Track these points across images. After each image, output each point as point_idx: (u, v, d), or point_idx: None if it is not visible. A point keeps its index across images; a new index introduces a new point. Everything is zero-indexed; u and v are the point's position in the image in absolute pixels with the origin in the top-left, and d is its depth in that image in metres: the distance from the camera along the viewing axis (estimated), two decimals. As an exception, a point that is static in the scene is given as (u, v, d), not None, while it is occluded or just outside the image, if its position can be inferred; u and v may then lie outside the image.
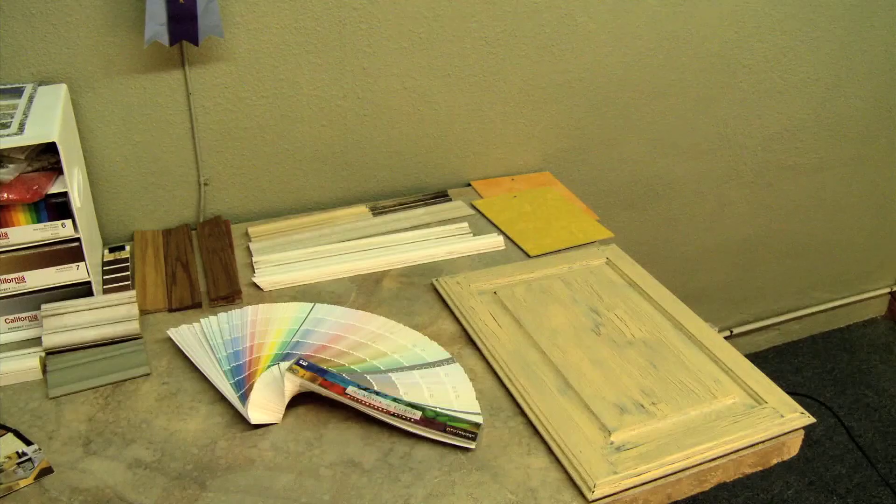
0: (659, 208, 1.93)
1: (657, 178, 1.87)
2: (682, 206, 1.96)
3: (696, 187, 1.94)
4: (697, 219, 2.01)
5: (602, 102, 1.68)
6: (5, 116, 1.14)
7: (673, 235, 2.00)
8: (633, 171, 1.83)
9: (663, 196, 1.91)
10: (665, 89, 1.73)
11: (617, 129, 1.74)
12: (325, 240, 1.38)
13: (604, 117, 1.71)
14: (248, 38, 1.35)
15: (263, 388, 1.04)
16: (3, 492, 0.93)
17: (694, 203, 1.97)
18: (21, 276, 1.15)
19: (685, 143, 1.85)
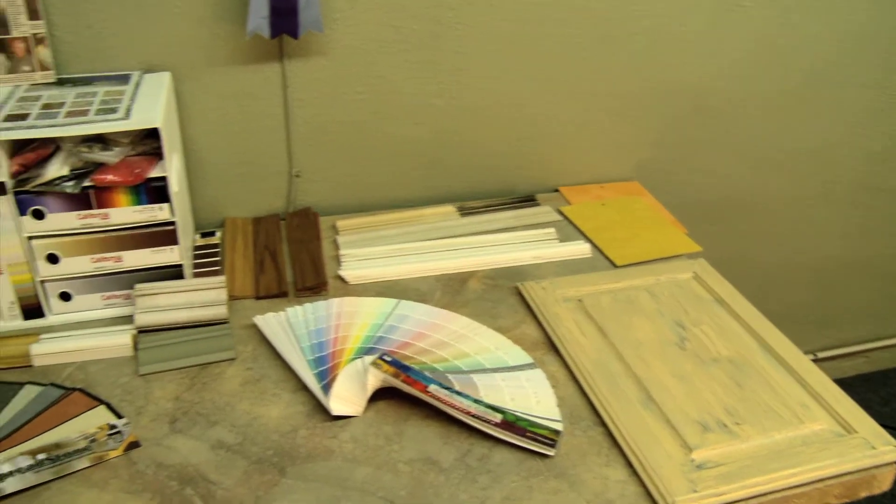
0: (744, 223, 1.89)
1: (745, 193, 1.84)
2: (769, 223, 1.92)
3: (784, 204, 1.90)
4: (784, 236, 1.96)
5: (694, 113, 1.65)
6: (113, 102, 1.18)
7: (757, 252, 1.96)
8: (721, 184, 1.79)
9: (750, 211, 1.87)
10: (761, 103, 1.70)
11: (708, 141, 1.71)
12: (411, 237, 1.38)
13: (695, 128, 1.68)
14: (345, 33, 1.36)
15: (346, 380, 1.05)
16: (95, 460, 0.96)
17: (781, 219, 1.93)
18: (118, 256, 1.18)
19: (778, 158, 1.80)
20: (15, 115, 1.14)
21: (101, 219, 1.15)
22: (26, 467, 0.95)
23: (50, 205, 1.13)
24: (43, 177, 1.12)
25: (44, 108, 1.17)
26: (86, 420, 1.03)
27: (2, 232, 1.14)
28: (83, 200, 1.13)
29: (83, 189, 1.12)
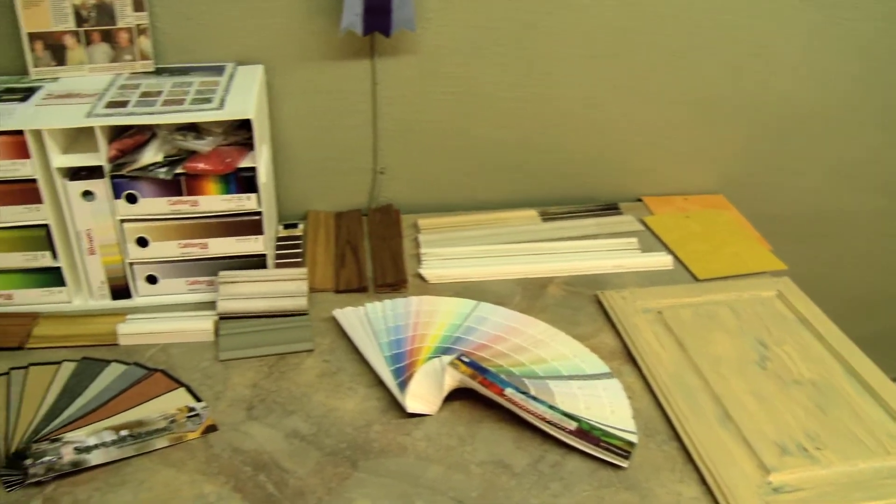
0: (833, 243, 1.84)
1: (836, 213, 1.79)
2: (859, 245, 1.86)
3: (877, 226, 1.84)
4: (874, 257, 1.90)
5: (786, 129, 1.61)
6: (208, 92, 1.20)
7: (846, 273, 1.90)
8: (811, 203, 1.75)
9: (840, 230, 1.82)
10: (858, 118, 1.65)
11: (799, 158, 1.67)
12: (493, 239, 1.38)
13: (787, 144, 1.64)
14: (436, 33, 1.37)
15: (423, 378, 1.05)
16: (173, 441, 0.98)
17: (872, 240, 1.87)
18: (205, 243, 1.21)
19: (873, 179, 1.75)
20: (115, 102, 1.17)
21: (190, 205, 1.18)
22: (110, 442, 0.98)
23: (143, 190, 1.16)
24: (138, 162, 1.15)
25: (142, 96, 1.20)
26: (166, 401, 1.05)
27: (97, 214, 1.17)
28: (174, 187, 1.16)
29: (175, 176, 1.15)
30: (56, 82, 1.27)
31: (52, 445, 0.97)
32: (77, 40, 1.28)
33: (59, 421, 1.02)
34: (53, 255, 1.20)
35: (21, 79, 1.29)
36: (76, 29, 1.27)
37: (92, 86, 1.25)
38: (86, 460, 0.95)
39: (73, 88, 1.24)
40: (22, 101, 1.20)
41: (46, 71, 1.29)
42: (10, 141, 1.11)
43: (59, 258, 1.20)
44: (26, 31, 1.26)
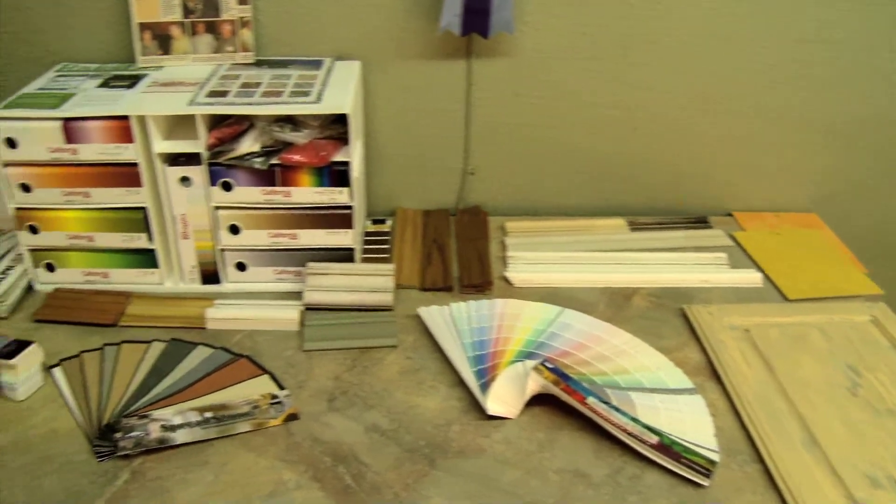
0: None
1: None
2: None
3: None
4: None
5: (884, 148, 1.56)
6: (306, 86, 1.22)
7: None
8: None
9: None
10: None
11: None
12: (579, 246, 1.37)
13: (884, 164, 1.58)
14: (533, 37, 1.36)
15: (505, 381, 1.05)
16: (255, 426, 1.00)
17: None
18: (295, 234, 1.23)
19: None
20: (216, 92, 1.20)
21: (283, 196, 1.20)
22: (195, 422, 1.00)
23: (238, 178, 1.18)
24: (235, 151, 1.17)
25: (242, 86, 1.22)
26: (250, 387, 1.07)
27: (192, 200, 1.20)
28: (269, 177, 1.18)
29: (270, 166, 1.17)
30: (161, 70, 1.31)
31: (141, 421, 0.99)
32: (183, 31, 1.31)
33: (148, 398, 1.05)
34: (149, 237, 1.23)
35: (129, 66, 1.34)
36: (182, 20, 1.30)
37: (194, 75, 1.28)
38: (171, 438, 0.98)
39: (176, 77, 1.27)
40: (129, 87, 1.24)
41: (152, 60, 1.33)
42: (116, 126, 1.15)
43: (154, 241, 1.24)
44: (137, 21, 1.30)
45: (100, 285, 1.28)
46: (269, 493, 0.92)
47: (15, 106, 1.17)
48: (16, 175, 1.19)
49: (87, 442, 0.99)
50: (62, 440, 1.00)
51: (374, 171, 1.47)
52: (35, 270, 1.28)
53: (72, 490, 0.92)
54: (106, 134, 1.15)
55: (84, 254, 1.26)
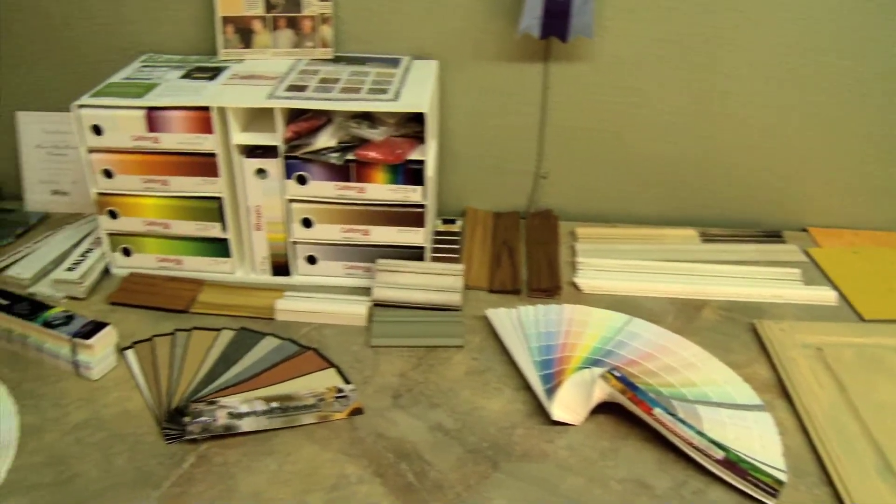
0: None
1: None
2: None
3: None
4: None
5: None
6: (384, 83, 1.23)
7: None
8: None
9: None
10: None
11: None
12: (650, 255, 1.35)
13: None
14: (612, 42, 1.35)
15: (571, 388, 1.04)
16: (320, 419, 1.01)
17: None
18: (366, 230, 1.24)
19: None
20: (295, 86, 1.21)
21: (357, 192, 1.20)
22: (261, 411, 1.01)
23: (313, 172, 1.19)
24: (312, 145, 1.18)
25: (321, 82, 1.23)
26: (316, 379, 1.08)
27: (267, 192, 1.21)
28: (344, 172, 1.19)
29: (346, 162, 1.18)
30: (241, 63, 1.33)
31: (209, 407, 1.01)
32: (264, 25, 1.33)
33: (216, 385, 1.07)
34: (223, 227, 1.25)
35: (210, 58, 1.36)
36: (264, 15, 1.32)
37: (274, 69, 1.30)
38: (237, 426, 0.99)
39: (256, 70, 1.29)
40: (210, 79, 1.26)
41: (233, 53, 1.35)
42: (197, 116, 1.17)
43: (227, 230, 1.26)
44: (220, 14, 1.33)
45: (173, 272, 1.31)
46: (332, 485, 0.92)
47: (102, 94, 1.20)
48: (99, 161, 1.22)
49: (156, 424, 1.01)
50: (133, 420, 1.02)
51: (447, 171, 1.47)
52: (112, 254, 1.31)
53: (141, 469, 0.94)
54: (187, 124, 1.17)
55: (159, 240, 1.28)
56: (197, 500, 0.91)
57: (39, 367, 1.12)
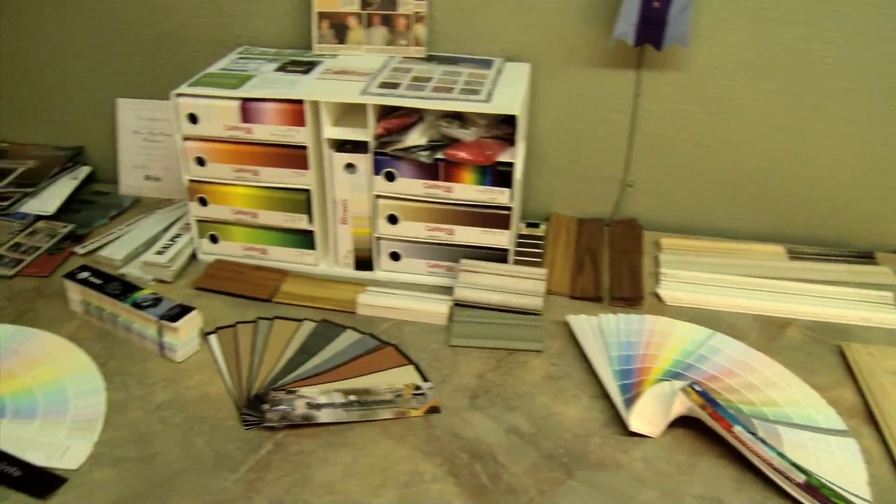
0: None
1: None
2: None
3: None
4: None
5: None
6: (476, 84, 1.23)
7: None
8: None
9: None
10: None
11: None
12: (735, 270, 1.33)
13: None
14: (707, 51, 1.33)
15: (651, 399, 1.03)
16: (397, 415, 1.02)
17: None
18: (451, 229, 1.24)
19: None
20: (388, 83, 1.23)
21: (444, 191, 1.21)
22: (339, 404, 1.02)
23: (402, 169, 1.20)
24: (402, 143, 1.19)
25: (413, 80, 1.24)
26: (394, 375, 1.09)
27: (355, 186, 1.23)
28: (432, 171, 1.20)
29: (435, 160, 1.19)
30: (335, 59, 1.35)
31: (288, 396, 1.03)
32: (359, 22, 1.34)
33: (295, 375, 1.08)
34: (310, 219, 1.27)
35: (305, 53, 1.38)
36: (360, 11, 1.34)
37: (367, 65, 1.31)
38: (315, 416, 1.00)
39: (349, 66, 1.31)
40: (304, 73, 1.28)
41: (328, 48, 1.37)
42: (291, 109, 1.19)
43: (314, 223, 1.28)
44: (317, 10, 1.35)
45: (258, 261, 1.33)
46: (405, 482, 0.93)
47: (199, 84, 1.23)
48: (193, 149, 1.25)
49: (235, 409, 1.03)
50: (213, 404, 1.04)
51: (532, 175, 1.47)
52: (200, 241, 1.34)
53: (220, 453, 0.97)
54: (280, 116, 1.20)
55: (246, 229, 1.31)
56: (272, 486, 0.92)
57: (127, 346, 1.15)
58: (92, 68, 1.56)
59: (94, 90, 1.58)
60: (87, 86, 1.58)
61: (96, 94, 1.58)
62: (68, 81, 1.58)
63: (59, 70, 1.58)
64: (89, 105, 1.60)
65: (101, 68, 1.55)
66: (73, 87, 1.59)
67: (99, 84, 1.57)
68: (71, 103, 1.61)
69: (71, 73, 1.57)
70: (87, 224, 1.46)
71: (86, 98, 1.59)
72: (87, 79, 1.57)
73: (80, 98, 1.60)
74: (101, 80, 1.57)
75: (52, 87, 1.60)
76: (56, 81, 1.59)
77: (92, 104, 1.60)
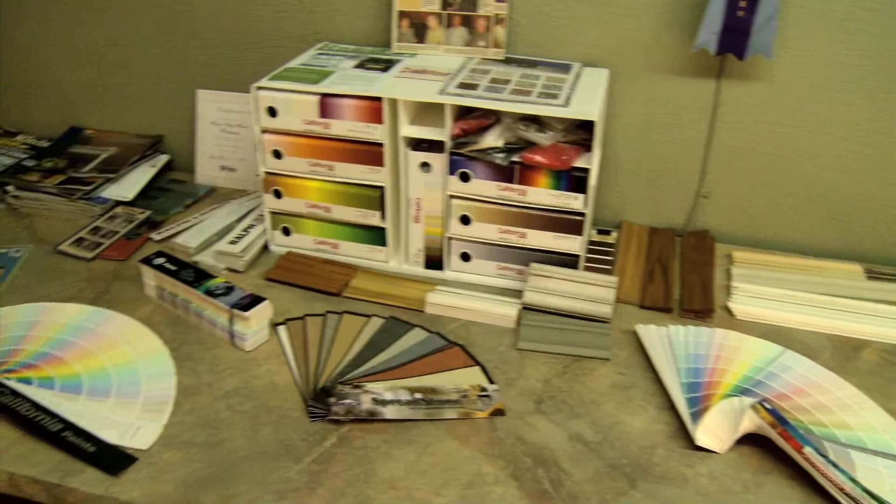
0: None
1: None
2: None
3: None
4: None
5: None
6: (554, 88, 1.23)
7: None
8: None
9: None
10: None
11: None
12: (809, 287, 1.30)
13: None
14: (790, 63, 1.31)
15: (718, 414, 1.01)
16: (462, 415, 1.02)
17: None
18: (523, 232, 1.24)
19: None
20: (466, 84, 1.23)
21: (518, 194, 1.21)
22: (405, 401, 1.03)
23: (477, 170, 1.21)
24: (478, 144, 1.19)
25: (492, 82, 1.24)
26: (460, 375, 1.09)
27: (429, 185, 1.23)
28: (507, 173, 1.20)
29: (511, 163, 1.18)
30: (413, 58, 1.36)
31: (354, 391, 1.04)
32: (439, 22, 1.35)
33: (362, 370, 1.09)
34: (382, 216, 1.28)
35: (384, 50, 1.39)
36: (440, 11, 1.34)
37: (445, 65, 1.31)
38: (381, 412, 1.01)
39: (427, 65, 1.31)
40: (383, 70, 1.29)
41: (406, 47, 1.38)
42: (369, 106, 1.20)
43: (386, 220, 1.28)
44: (397, 8, 1.36)
45: (328, 255, 1.35)
46: (468, 482, 0.93)
47: (280, 78, 1.25)
48: (270, 142, 1.27)
49: (301, 400, 1.05)
50: (280, 394, 1.06)
51: (605, 181, 1.46)
52: (272, 232, 1.36)
53: (284, 443, 0.98)
54: (358, 112, 1.21)
55: (319, 223, 1.32)
56: (335, 479, 0.93)
57: (198, 333, 1.17)
58: (175, 60, 1.59)
59: (175, 81, 1.62)
60: (170, 77, 1.62)
61: (177, 84, 1.62)
62: (151, 72, 1.62)
63: (143, 61, 1.61)
64: (170, 95, 1.64)
65: (183, 60, 1.59)
66: (155, 78, 1.63)
67: (180, 75, 1.61)
68: (153, 93, 1.65)
69: (154, 64, 1.61)
70: (163, 211, 1.49)
71: (167, 88, 1.63)
72: (169, 70, 1.61)
73: (162, 88, 1.63)
74: (183, 71, 1.60)
75: (136, 77, 1.64)
76: (140, 72, 1.63)
77: (173, 95, 1.63)
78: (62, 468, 0.94)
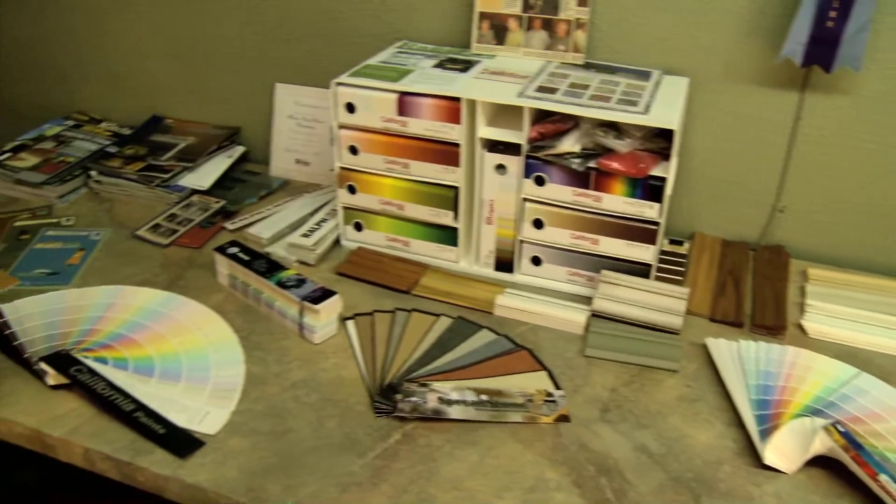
0: None
1: None
2: None
3: None
4: None
5: None
6: (634, 95, 1.22)
7: None
8: None
9: None
10: None
11: None
12: (887, 309, 1.26)
13: None
14: (881, 77, 1.27)
15: (789, 433, 0.99)
16: (527, 419, 1.02)
17: None
18: (596, 239, 1.23)
19: None
20: (545, 88, 1.23)
21: (593, 200, 1.20)
22: (470, 402, 1.03)
23: (552, 175, 1.20)
24: (555, 148, 1.19)
25: (571, 86, 1.24)
26: (526, 379, 1.09)
27: (503, 188, 1.23)
28: (583, 179, 1.19)
29: (587, 169, 1.18)
30: (492, 59, 1.36)
31: (421, 389, 1.04)
32: (519, 24, 1.35)
33: (429, 369, 1.10)
34: (455, 216, 1.29)
35: (462, 51, 1.40)
36: (521, 14, 1.34)
37: (524, 68, 1.31)
38: (446, 412, 1.01)
39: (506, 68, 1.31)
40: (462, 71, 1.29)
41: (486, 48, 1.38)
42: (447, 106, 1.20)
43: (458, 220, 1.29)
44: (478, 10, 1.36)
45: (399, 252, 1.36)
46: (530, 487, 0.93)
47: (359, 75, 1.26)
48: (347, 137, 1.28)
49: (367, 395, 1.06)
50: (346, 388, 1.07)
51: (680, 191, 1.44)
52: (345, 227, 1.37)
53: (349, 436, 0.99)
54: (436, 112, 1.21)
55: (391, 220, 1.33)
56: (398, 475, 0.94)
57: (268, 323, 1.19)
58: (255, 53, 1.62)
59: (254, 74, 1.64)
60: (249, 69, 1.64)
61: (256, 77, 1.65)
62: (233, 65, 1.65)
63: (224, 53, 1.64)
64: (249, 88, 1.66)
65: (263, 53, 1.61)
66: (235, 70, 1.66)
67: (260, 68, 1.63)
68: (233, 85, 1.68)
69: (235, 57, 1.64)
70: (237, 201, 1.52)
71: (246, 81, 1.66)
72: (250, 63, 1.64)
73: (241, 80, 1.66)
74: (263, 64, 1.63)
75: (216, 68, 1.67)
76: (222, 64, 1.66)
77: (252, 87, 1.66)
78: (133, 447, 0.97)
